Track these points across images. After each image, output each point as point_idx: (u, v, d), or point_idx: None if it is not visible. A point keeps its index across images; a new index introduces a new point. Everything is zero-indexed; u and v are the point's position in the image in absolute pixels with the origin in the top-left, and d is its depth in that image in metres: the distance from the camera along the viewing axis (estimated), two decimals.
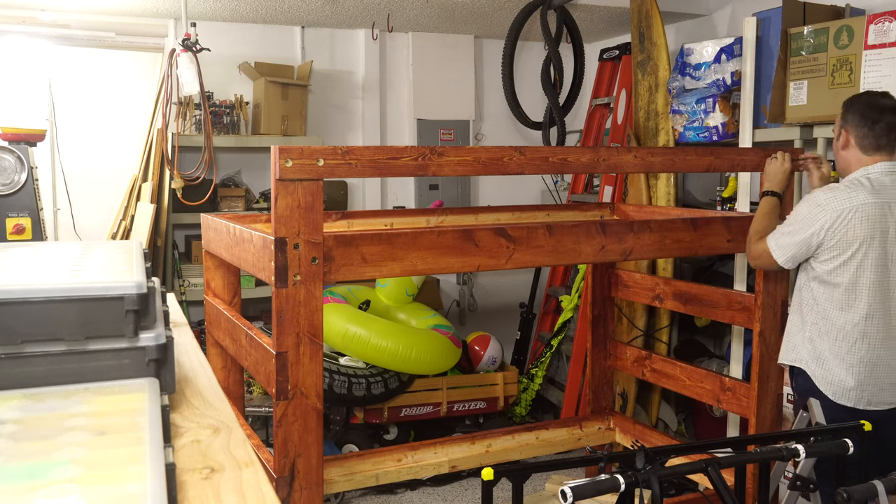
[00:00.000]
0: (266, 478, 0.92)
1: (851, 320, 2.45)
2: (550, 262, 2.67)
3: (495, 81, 5.18)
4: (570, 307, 4.75)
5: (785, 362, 2.65)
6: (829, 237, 2.43)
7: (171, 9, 4.30)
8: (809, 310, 2.55)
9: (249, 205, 4.57)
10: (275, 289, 2.21)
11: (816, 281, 2.52)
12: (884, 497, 1.85)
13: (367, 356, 3.91)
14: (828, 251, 2.45)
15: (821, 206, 2.45)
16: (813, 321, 2.53)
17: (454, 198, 5.30)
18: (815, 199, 2.48)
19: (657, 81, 4.21)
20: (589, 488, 1.70)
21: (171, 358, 1.08)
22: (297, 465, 2.31)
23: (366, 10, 4.51)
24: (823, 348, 2.50)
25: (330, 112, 5.01)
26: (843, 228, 2.42)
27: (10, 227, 3.68)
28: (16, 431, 0.86)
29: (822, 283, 2.50)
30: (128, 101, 4.89)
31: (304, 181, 2.20)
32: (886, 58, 3.03)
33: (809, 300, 2.55)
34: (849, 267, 2.44)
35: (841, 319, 2.46)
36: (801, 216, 2.49)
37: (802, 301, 2.59)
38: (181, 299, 4.32)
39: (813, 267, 2.52)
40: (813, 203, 2.47)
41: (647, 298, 3.50)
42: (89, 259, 1.25)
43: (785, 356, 2.65)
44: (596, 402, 3.76)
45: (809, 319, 2.55)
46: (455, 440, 3.39)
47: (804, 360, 2.55)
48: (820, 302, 2.51)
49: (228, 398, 1.24)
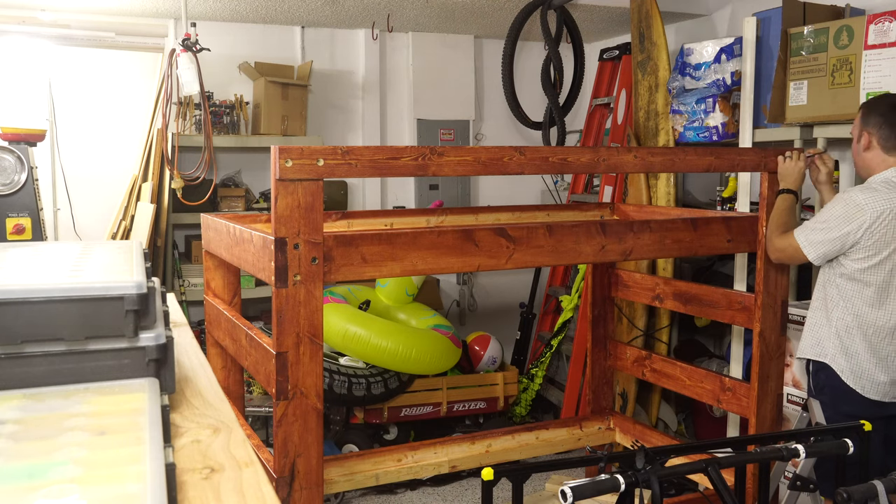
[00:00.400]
0: (266, 478, 0.92)
1: (883, 317, 2.51)
2: (550, 262, 2.67)
3: (495, 81, 5.18)
4: (570, 307, 4.75)
5: (809, 356, 2.66)
6: (867, 237, 2.46)
7: (171, 9, 4.30)
8: (835, 306, 2.57)
9: (249, 205, 4.58)
10: (275, 289, 2.21)
11: (844, 278, 2.54)
12: (884, 497, 1.85)
13: (367, 356, 3.91)
14: (864, 250, 2.48)
15: (860, 207, 2.47)
16: (840, 316, 2.56)
17: (454, 198, 5.30)
18: (854, 199, 2.49)
19: (657, 81, 4.21)
20: (589, 488, 1.70)
21: (171, 358, 1.08)
22: (297, 465, 2.31)
23: (366, 10, 4.51)
24: (854, 343, 2.53)
25: (330, 112, 5.01)
26: (883, 229, 2.46)
27: (10, 227, 3.68)
28: (16, 431, 0.86)
29: (852, 280, 2.53)
30: (128, 101, 4.89)
31: (304, 181, 2.20)
32: (886, 58, 3.03)
33: (835, 296, 2.57)
34: (884, 266, 2.49)
35: (872, 315, 2.51)
36: (836, 214, 2.51)
37: (827, 297, 2.61)
38: (181, 299, 4.33)
39: (843, 264, 2.54)
40: (851, 203, 2.49)
41: (647, 298, 3.50)
42: (89, 259, 1.25)
43: (808, 350, 2.66)
44: (596, 402, 3.76)
45: (836, 315, 2.57)
46: (455, 440, 3.39)
47: (830, 354, 2.57)
48: (848, 298, 2.54)
49: (228, 398, 1.24)
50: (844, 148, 3.66)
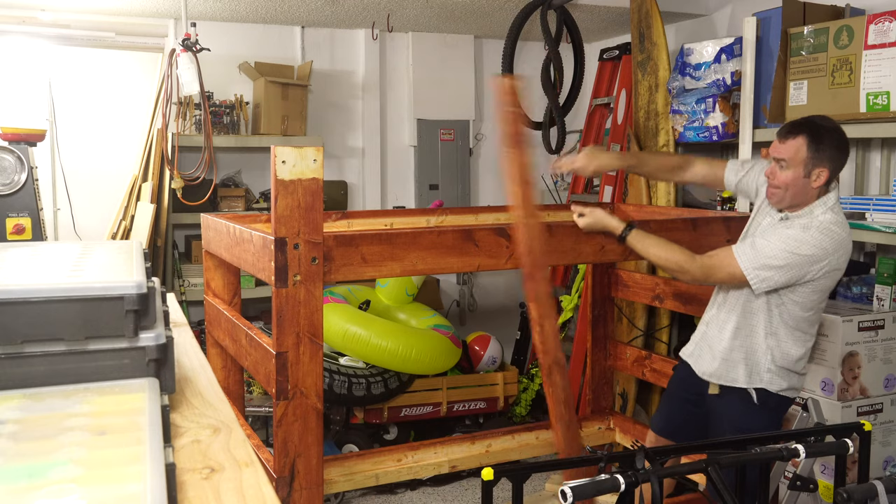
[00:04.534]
0: (266, 478, 0.92)
1: (812, 333, 2.53)
2: (550, 261, 2.67)
3: None
4: (570, 307, 4.75)
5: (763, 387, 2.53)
6: (825, 276, 2.39)
7: (171, 9, 4.30)
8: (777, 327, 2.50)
9: (249, 205, 4.58)
10: (275, 289, 2.21)
11: (786, 303, 2.45)
12: (884, 497, 1.85)
13: (367, 356, 3.91)
14: (814, 283, 2.40)
15: (827, 252, 2.34)
16: (784, 337, 2.49)
17: (454, 198, 5.30)
18: (820, 244, 2.34)
19: (657, 81, 4.21)
20: (589, 488, 1.70)
21: (171, 358, 1.08)
22: (297, 465, 2.31)
23: (366, 10, 4.51)
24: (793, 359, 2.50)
25: (330, 112, 5.01)
26: (840, 267, 2.41)
27: (10, 227, 3.68)
28: (16, 431, 0.86)
29: (794, 304, 2.45)
30: (128, 101, 4.89)
31: (304, 181, 2.20)
32: (886, 58, 3.03)
33: (776, 318, 2.49)
34: (825, 294, 2.47)
35: (812, 331, 2.52)
36: (800, 256, 2.34)
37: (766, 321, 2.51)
38: (181, 299, 4.33)
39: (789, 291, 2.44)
40: (818, 247, 2.34)
41: (647, 298, 3.50)
42: (89, 259, 1.25)
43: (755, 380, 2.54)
44: (596, 402, 3.76)
45: (781, 335, 2.49)
46: (455, 440, 3.39)
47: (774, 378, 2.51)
48: (788, 318, 2.47)
49: (228, 398, 1.24)
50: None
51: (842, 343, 2.98)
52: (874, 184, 3.56)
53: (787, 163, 2.38)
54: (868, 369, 3.04)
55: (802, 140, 2.36)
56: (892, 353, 3.09)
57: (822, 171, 2.36)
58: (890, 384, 3.10)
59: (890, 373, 3.09)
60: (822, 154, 2.35)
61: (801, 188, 2.39)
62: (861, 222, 3.18)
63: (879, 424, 3.05)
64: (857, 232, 3.20)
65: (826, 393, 3.03)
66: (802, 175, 2.37)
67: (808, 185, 2.38)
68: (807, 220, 2.39)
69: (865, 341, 3.03)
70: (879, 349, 3.06)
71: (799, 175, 2.37)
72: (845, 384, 3.00)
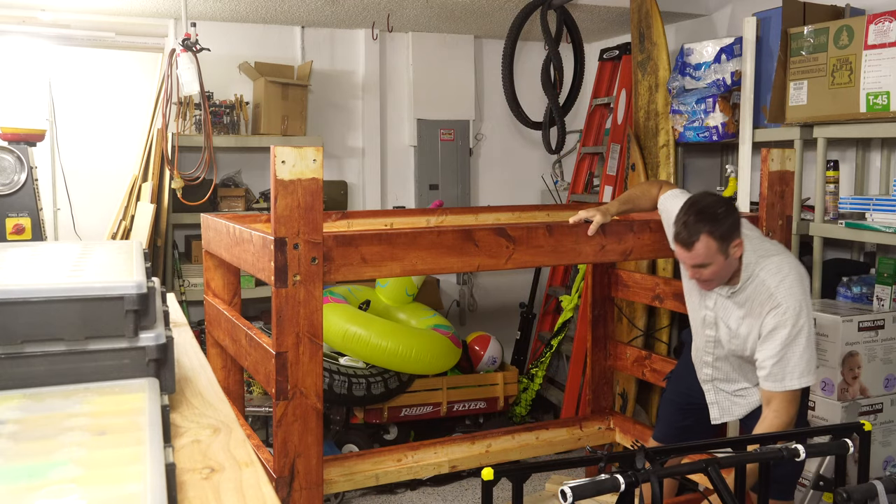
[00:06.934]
0: (266, 478, 0.92)
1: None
2: (550, 262, 2.68)
3: (495, 81, 5.17)
4: (570, 307, 4.75)
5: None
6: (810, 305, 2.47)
7: (171, 9, 4.30)
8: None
9: (249, 205, 4.57)
10: (274, 289, 2.21)
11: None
12: (883, 497, 1.85)
13: (367, 356, 3.91)
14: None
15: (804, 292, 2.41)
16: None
17: (454, 198, 5.30)
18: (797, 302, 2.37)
19: (657, 81, 4.21)
20: (589, 488, 1.70)
21: (171, 358, 1.08)
22: (296, 465, 2.31)
23: (366, 10, 4.51)
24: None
25: (330, 112, 5.01)
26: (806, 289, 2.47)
27: (10, 227, 3.68)
28: (16, 431, 0.86)
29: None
30: (128, 101, 4.89)
31: (303, 181, 2.20)
32: (886, 58, 3.03)
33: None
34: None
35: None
36: (804, 328, 2.38)
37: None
38: (181, 299, 4.32)
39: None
40: (799, 303, 2.38)
41: (647, 298, 3.50)
42: (89, 259, 1.25)
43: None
44: (596, 402, 3.76)
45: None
46: (455, 440, 3.39)
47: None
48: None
49: (228, 398, 1.24)
50: (844, 147, 3.66)
51: (842, 343, 2.98)
52: (874, 184, 3.56)
53: (705, 261, 2.39)
54: (868, 369, 3.04)
55: (706, 238, 2.35)
56: (892, 353, 3.09)
57: (736, 242, 2.39)
58: (890, 384, 3.10)
59: (890, 373, 3.09)
60: (727, 231, 2.36)
61: (727, 267, 2.43)
62: (861, 222, 3.18)
63: (879, 424, 3.05)
64: (857, 232, 3.20)
65: (826, 393, 3.03)
66: (723, 260, 2.40)
67: (732, 260, 2.41)
68: (769, 303, 2.39)
69: (865, 341, 3.03)
70: (879, 349, 3.06)
71: (720, 263, 2.40)
72: (845, 384, 3.00)
